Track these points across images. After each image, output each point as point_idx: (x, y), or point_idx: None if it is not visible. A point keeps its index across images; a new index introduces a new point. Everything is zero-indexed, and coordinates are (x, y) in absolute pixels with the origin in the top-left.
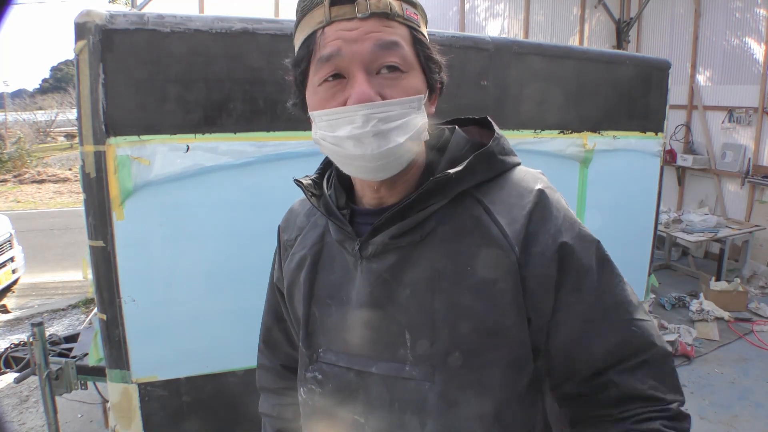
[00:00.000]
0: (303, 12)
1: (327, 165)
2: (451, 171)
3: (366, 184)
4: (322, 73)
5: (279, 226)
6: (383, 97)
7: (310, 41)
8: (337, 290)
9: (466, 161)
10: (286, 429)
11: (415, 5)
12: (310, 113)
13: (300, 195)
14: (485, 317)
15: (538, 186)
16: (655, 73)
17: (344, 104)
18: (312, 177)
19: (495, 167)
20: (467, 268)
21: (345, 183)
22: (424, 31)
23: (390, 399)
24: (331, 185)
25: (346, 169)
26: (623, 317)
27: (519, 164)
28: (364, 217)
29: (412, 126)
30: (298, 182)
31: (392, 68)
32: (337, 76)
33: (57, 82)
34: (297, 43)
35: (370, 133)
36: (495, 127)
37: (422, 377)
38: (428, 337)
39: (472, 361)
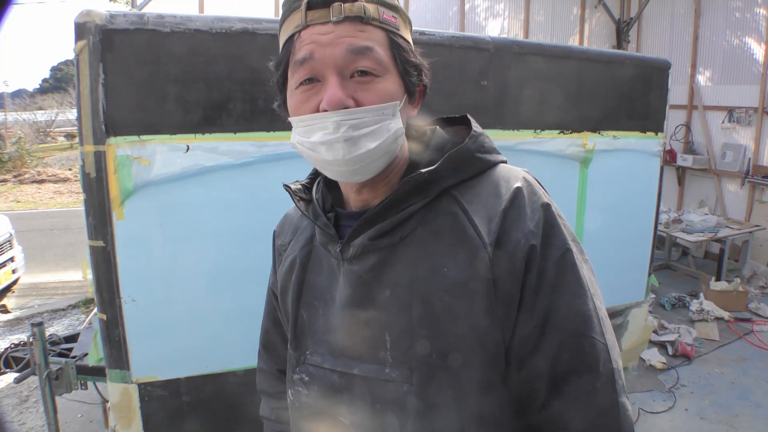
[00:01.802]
0: (284, 15)
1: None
2: (424, 170)
3: (349, 186)
4: (298, 76)
5: (274, 231)
6: (357, 101)
7: (288, 44)
8: (323, 292)
9: (440, 160)
10: None
11: (393, 8)
12: (290, 119)
13: None
14: (462, 318)
15: (517, 184)
16: (655, 73)
17: (318, 107)
18: (302, 182)
19: (474, 165)
20: (444, 269)
21: (333, 187)
22: (406, 34)
23: (372, 400)
24: (319, 189)
25: (324, 173)
26: (570, 329)
27: (503, 162)
28: (348, 220)
29: (384, 132)
30: (286, 187)
31: (364, 73)
32: (312, 79)
33: (57, 82)
34: (280, 46)
35: (341, 138)
36: (474, 125)
37: (401, 379)
38: (407, 339)
39: (450, 363)
